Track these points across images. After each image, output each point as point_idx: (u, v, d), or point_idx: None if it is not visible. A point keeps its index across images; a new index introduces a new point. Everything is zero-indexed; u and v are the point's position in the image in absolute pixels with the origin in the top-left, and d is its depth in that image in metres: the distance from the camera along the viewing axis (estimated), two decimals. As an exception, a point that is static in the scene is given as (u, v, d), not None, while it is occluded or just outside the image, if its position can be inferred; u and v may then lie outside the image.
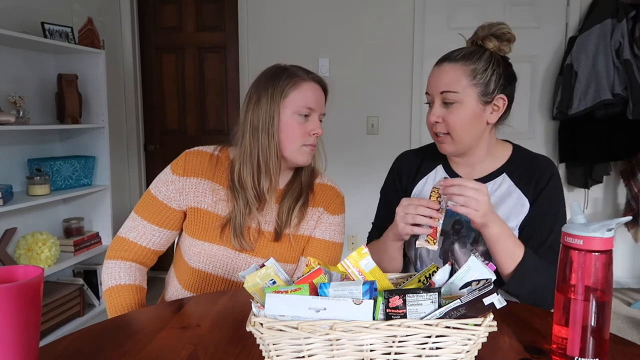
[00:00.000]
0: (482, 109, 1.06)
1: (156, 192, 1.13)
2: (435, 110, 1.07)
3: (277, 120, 1.07)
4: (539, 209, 1.09)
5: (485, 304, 0.62)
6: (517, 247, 1.00)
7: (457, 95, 1.04)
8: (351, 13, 3.10)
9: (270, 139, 1.07)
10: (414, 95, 3.11)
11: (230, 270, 1.14)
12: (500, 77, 1.06)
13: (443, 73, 1.06)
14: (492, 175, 1.14)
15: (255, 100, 1.09)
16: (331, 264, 1.16)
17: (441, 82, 1.06)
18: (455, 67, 1.05)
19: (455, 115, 1.05)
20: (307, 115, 1.09)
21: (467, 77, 1.04)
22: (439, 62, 1.09)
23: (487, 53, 1.06)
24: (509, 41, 1.07)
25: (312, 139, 1.11)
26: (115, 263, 1.13)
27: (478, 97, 1.05)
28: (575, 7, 2.99)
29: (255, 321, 0.63)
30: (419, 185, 1.21)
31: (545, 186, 1.09)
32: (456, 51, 1.08)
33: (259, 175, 1.09)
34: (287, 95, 1.07)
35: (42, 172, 2.35)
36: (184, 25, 3.27)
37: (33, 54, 2.49)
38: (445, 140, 1.09)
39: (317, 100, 1.11)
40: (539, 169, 1.11)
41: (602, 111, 2.81)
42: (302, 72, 1.12)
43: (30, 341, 0.64)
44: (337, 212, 1.20)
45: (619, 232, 3.08)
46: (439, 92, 1.06)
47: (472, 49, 1.07)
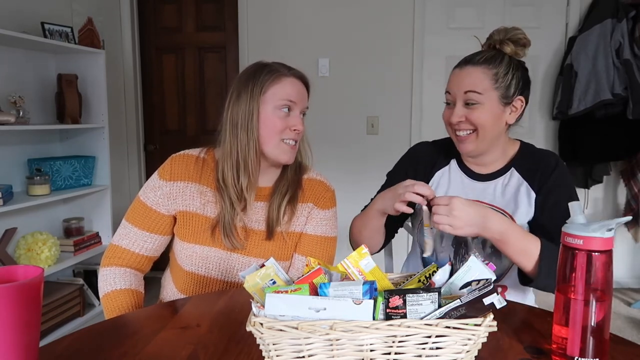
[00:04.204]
0: (503, 110, 1.10)
1: (145, 198, 1.13)
2: (457, 110, 1.10)
3: (257, 116, 1.07)
4: (548, 198, 1.11)
5: (485, 304, 0.62)
6: (531, 242, 1.00)
7: (480, 96, 1.07)
8: (351, 13, 3.10)
9: (249, 136, 1.07)
10: (414, 95, 3.11)
11: (223, 271, 1.14)
12: (519, 81, 1.11)
13: (466, 75, 1.09)
14: (502, 171, 1.17)
15: (235, 97, 1.09)
16: (324, 258, 1.17)
17: (465, 83, 1.08)
18: (478, 70, 1.08)
19: (478, 112, 1.08)
20: (288, 111, 1.09)
21: (489, 80, 1.08)
22: (461, 64, 1.12)
23: (507, 57, 1.10)
24: (524, 46, 1.11)
25: (292, 134, 1.09)
26: (110, 270, 1.13)
27: (499, 99, 1.09)
28: (575, 7, 2.99)
29: (255, 321, 0.63)
30: (436, 177, 1.23)
31: (550, 175, 1.12)
32: (477, 55, 1.11)
33: (238, 173, 1.09)
34: (266, 90, 1.07)
35: (42, 172, 2.35)
36: (184, 26, 3.27)
37: (33, 54, 2.49)
38: (468, 138, 1.11)
39: (298, 94, 1.10)
40: (543, 160, 1.14)
41: (602, 111, 2.81)
42: (283, 68, 1.11)
43: (30, 341, 0.64)
44: (328, 207, 1.19)
45: (619, 232, 3.08)
46: (463, 91, 1.08)
47: (492, 53, 1.10)
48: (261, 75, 1.08)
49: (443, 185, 1.21)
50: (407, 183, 1.03)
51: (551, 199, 1.10)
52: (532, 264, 1.00)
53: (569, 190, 1.12)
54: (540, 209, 1.11)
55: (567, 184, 1.12)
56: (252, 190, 1.11)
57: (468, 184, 1.19)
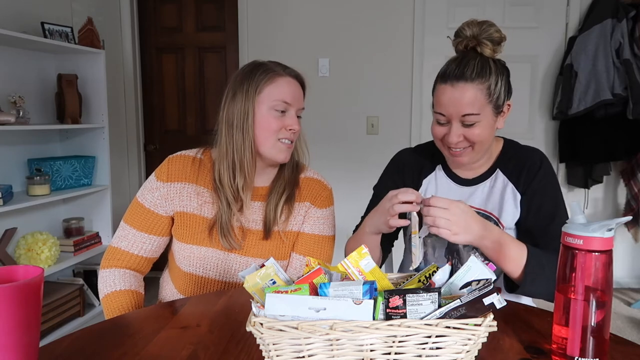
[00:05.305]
0: (496, 120, 1.08)
1: (142, 199, 1.13)
2: (455, 130, 1.05)
3: (252, 116, 1.06)
4: (533, 200, 1.09)
5: (485, 304, 0.62)
6: (520, 250, 0.99)
7: (478, 116, 1.04)
8: (351, 13, 3.10)
9: (245, 136, 1.07)
10: (414, 95, 3.11)
11: (222, 272, 1.14)
12: (506, 87, 1.08)
13: (461, 93, 1.02)
14: (487, 174, 1.16)
15: (230, 97, 1.09)
16: (322, 257, 1.16)
17: (461, 104, 1.03)
18: (473, 86, 1.02)
19: (477, 129, 1.05)
20: (284, 111, 1.08)
21: (484, 96, 1.03)
22: (451, 79, 1.04)
23: (492, 64, 1.05)
24: (500, 43, 1.06)
25: (288, 134, 1.09)
26: (110, 271, 1.13)
27: (493, 110, 1.06)
28: (575, 7, 2.99)
29: (255, 321, 0.63)
30: (424, 184, 1.21)
31: (535, 177, 1.10)
32: (465, 67, 1.03)
33: (234, 174, 1.09)
34: (261, 90, 1.06)
35: (42, 172, 2.35)
36: (184, 25, 3.27)
37: (33, 54, 2.49)
38: (464, 153, 1.08)
39: (293, 95, 1.09)
40: (529, 159, 1.12)
41: (602, 111, 2.81)
42: (278, 67, 1.10)
43: (30, 341, 0.64)
44: (325, 205, 1.19)
45: (619, 232, 3.08)
46: (460, 115, 1.03)
47: (480, 63, 1.04)
48: (256, 74, 1.07)
49: (431, 192, 1.19)
50: (389, 196, 1.00)
51: (536, 201, 1.09)
52: (519, 271, 0.99)
53: (554, 192, 1.10)
54: (526, 211, 1.10)
55: (552, 184, 1.10)
56: (248, 190, 1.11)
57: (455, 189, 1.17)
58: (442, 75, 1.07)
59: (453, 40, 1.10)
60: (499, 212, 1.11)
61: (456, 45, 1.09)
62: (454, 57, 1.08)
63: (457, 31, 1.08)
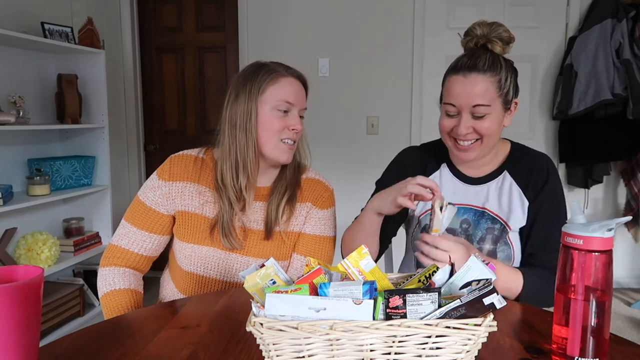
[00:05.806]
0: (504, 116, 1.09)
1: (144, 198, 1.13)
2: (465, 122, 1.06)
3: (255, 116, 1.07)
4: (540, 211, 1.10)
5: (485, 304, 0.61)
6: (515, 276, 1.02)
7: (488, 107, 1.04)
8: (351, 13, 3.10)
9: (247, 136, 1.07)
10: (414, 95, 3.11)
11: (222, 271, 1.14)
12: (515, 84, 1.09)
13: (473, 84, 1.04)
14: (494, 174, 1.16)
15: (233, 97, 1.09)
16: (323, 258, 1.16)
17: (473, 94, 1.04)
18: (484, 78, 1.04)
19: (486, 122, 1.05)
20: (287, 111, 1.09)
21: (495, 89, 1.05)
22: (464, 70, 1.05)
23: (502, 60, 1.07)
24: (509, 43, 1.08)
25: (291, 134, 1.09)
26: (109, 270, 1.13)
27: (502, 105, 1.07)
28: (575, 7, 2.99)
29: (255, 321, 0.63)
30: None
31: (543, 187, 1.11)
32: (478, 59, 1.05)
33: (237, 173, 1.09)
34: (264, 90, 1.07)
35: (42, 172, 2.35)
36: (184, 26, 3.27)
37: (33, 54, 2.49)
38: (472, 147, 1.09)
39: (296, 95, 1.09)
40: (536, 165, 1.13)
41: (602, 111, 2.81)
42: (281, 67, 1.11)
43: (30, 341, 0.64)
44: (326, 206, 1.19)
45: (619, 232, 3.08)
46: (471, 105, 1.04)
47: (492, 57, 1.06)
48: (259, 75, 1.07)
49: None
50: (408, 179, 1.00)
51: (542, 213, 1.10)
52: (514, 296, 1.03)
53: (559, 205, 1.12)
54: (532, 220, 1.11)
55: (558, 196, 1.12)
56: (251, 190, 1.11)
57: (460, 187, 1.18)
58: (453, 67, 1.08)
59: (463, 39, 1.12)
60: (507, 216, 1.12)
61: (466, 44, 1.11)
62: (465, 53, 1.10)
63: (468, 30, 1.10)
